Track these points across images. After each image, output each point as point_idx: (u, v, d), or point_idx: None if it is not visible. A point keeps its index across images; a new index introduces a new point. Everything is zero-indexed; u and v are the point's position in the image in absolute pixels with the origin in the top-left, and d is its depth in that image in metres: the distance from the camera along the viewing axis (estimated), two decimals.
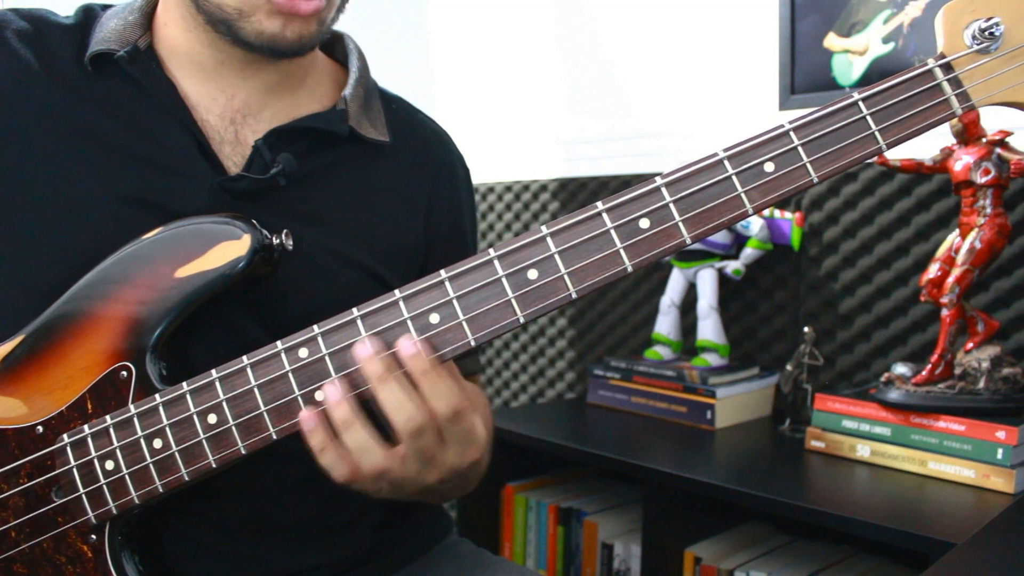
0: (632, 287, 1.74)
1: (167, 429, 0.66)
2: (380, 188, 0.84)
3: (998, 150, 1.12)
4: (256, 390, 0.65)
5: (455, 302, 0.63)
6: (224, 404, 0.65)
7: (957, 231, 1.18)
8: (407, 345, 0.62)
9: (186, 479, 0.66)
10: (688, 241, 0.61)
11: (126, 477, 0.67)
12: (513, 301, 0.62)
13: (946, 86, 0.60)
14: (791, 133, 0.61)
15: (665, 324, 1.57)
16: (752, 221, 1.47)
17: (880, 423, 1.17)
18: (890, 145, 0.61)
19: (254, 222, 0.69)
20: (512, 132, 2.00)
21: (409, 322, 0.63)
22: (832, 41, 1.47)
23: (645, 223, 0.61)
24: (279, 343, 0.65)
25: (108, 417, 0.67)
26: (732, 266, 1.50)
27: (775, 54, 1.54)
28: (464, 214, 0.93)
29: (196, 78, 0.77)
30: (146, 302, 0.68)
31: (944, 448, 1.11)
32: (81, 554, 0.68)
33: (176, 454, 0.66)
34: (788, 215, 1.47)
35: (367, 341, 0.62)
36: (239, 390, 0.65)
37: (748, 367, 1.49)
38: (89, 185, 0.72)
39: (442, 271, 0.63)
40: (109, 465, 0.67)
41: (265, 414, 0.64)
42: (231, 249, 0.68)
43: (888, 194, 1.39)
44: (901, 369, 1.19)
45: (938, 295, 1.16)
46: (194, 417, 0.65)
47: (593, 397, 1.59)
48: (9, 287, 0.73)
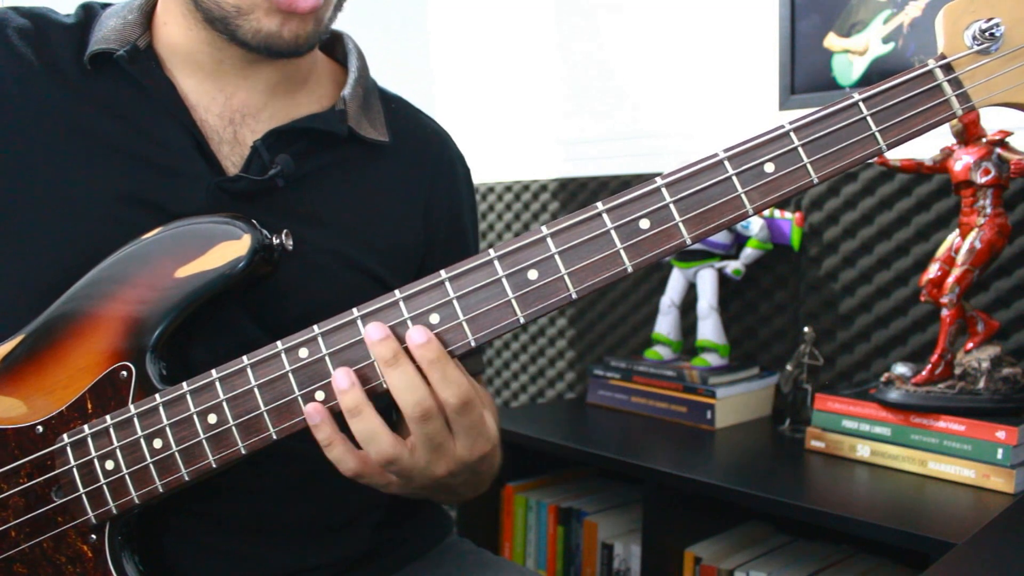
0: (632, 287, 1.74)
1: (167, 429, 0.66)
2: (379, 188, 0.83)
3: (998, 150, 1.12)
4: (256, 390, 0.65)
5: (455, 302, 0.63)
6: (224, 404, 0.65)
7: (957, 231, 1.18)
8: (417, 334, 0.61)
9: (186, 479, 0.66)
10: (688, 242, 0.61)
11: (126, 477, 0.67)
12: (513, 301, 0.62)
13: (947, 87, 0.60)
14: (791, 134, 0.61)
15: (665, 324, 1.57)
16: (752, 221, 1.47)
17: (880, 423, 1.17)
18: (891, 146, 0.61)
19: (254, 222, 0.69)
20: (512, 132, 2.00)
21: (409, 322, 0.63)
22: (832, 41, 1.47)
23: (645, 223, 0.61)
24: (279, 343, 0.64)
25: (108, 417, 0.67)
26: (732, 266, 1.50)
27: (775, 54, 1.54)
28: (464, 213, 0.92)
29: (195, 78, 0.77)
30: (146, 302, 0.68)
31: (944, 448, 1.11)
32: (81, 554, 0.68)
33: (176, 454, 0.66)
34: (788, 215, 1.47)
35: (378, 324, 0.62)
36: (239, 390, 0.65)
37: (748, 367, 1.49)
38: (89, 184, 0.72)
39: (442, 271, 0.63)
40: (109, 465, 0.67)
41: (265, 414, 0.64)
42: (231, 249, 0.67)
43: (888, 194, 1.39)
44: (901, 369, 1.19)
45: (938, 295, 1.16)
46: (194, 417, 0.65)
47: (593, 397, 1.59)
48: (9, 287, 0.73)
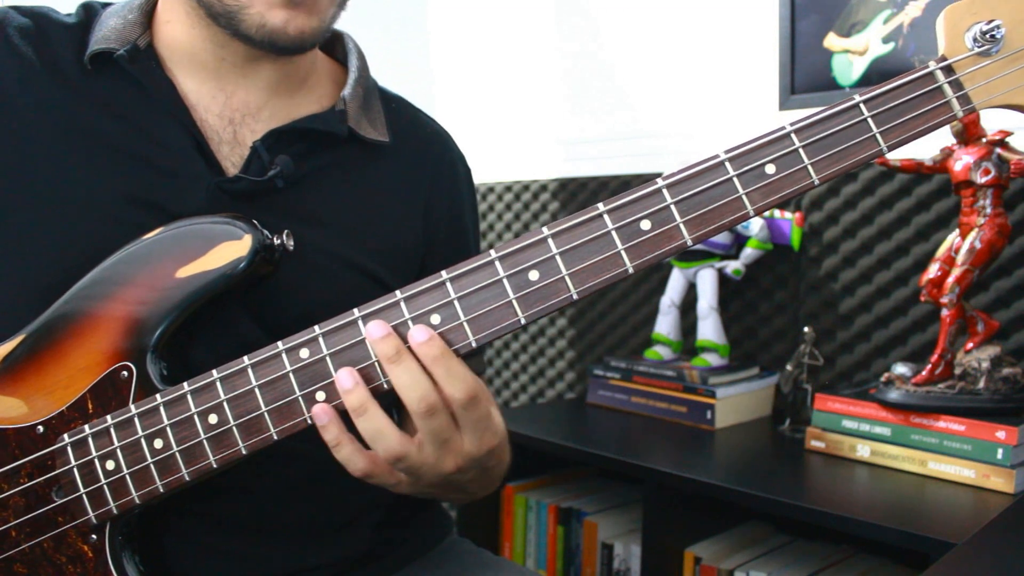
0: (632, 287, 1.74)
1: (168, 429, 0.66)
2: (379, 188, 0.83)
3: (998, 150, 1.12)
4: (257, 390, 0.65)
5: (456, 303, 0.63)
6: (225, 404, 0.65)
7: (957, 231, 1.18)
8: (419, 333, 0.61)
9: (187, 479, 0.66)
10: (689, 243, 0.61)
11: (127, 477, 0.67)
12: (514, 302, 0.62)
13: (947, 88, 0.60)
14: (792, 135, 0.61)
15: (665, 324, 1.57)
16: (752, 221, 1.47)
17: (880, 423, 1.17)
18: (891, 147, 0.61)
19: (255, 222, 0.69)
20: (512, 132, 2.00)
21: (410, 322, 0.63)
22: (832, 41, 1.47)
23: (646, 224, 0.61)
24: (280, 343, 0.64)
25: (109, 417, 0.67)
26: (732, 266, 1.50)
27: (775, 54, 1.54)
28: (465, 214, 0.92)
29: (196, 77, 0.77)
30: (147, 302, 0.68)
31: (944, 448, 1.11)
32: (81, 554, 0.68)
33: (177, 454, 0.66)
34: (788, 215, 1.47)
35: (379, 321, 0.62)
36: (240, 390, 0.65)
37: (748, 367, 1.49)
38: (89, 184, 0.72)
39: (443, 272, 0.63)
40: (110, 465, 0.67)
41: (266, 414, 0.64)
42: (232, 249, 0.67)
43: (888, 194, 1.39)
44: (901, 369, 1.19)
45: (938, 295, 1.16)
46: (195, 417, 0.65)
47: (593, 397, 1.59)
48: (9, 287, 0.73)
